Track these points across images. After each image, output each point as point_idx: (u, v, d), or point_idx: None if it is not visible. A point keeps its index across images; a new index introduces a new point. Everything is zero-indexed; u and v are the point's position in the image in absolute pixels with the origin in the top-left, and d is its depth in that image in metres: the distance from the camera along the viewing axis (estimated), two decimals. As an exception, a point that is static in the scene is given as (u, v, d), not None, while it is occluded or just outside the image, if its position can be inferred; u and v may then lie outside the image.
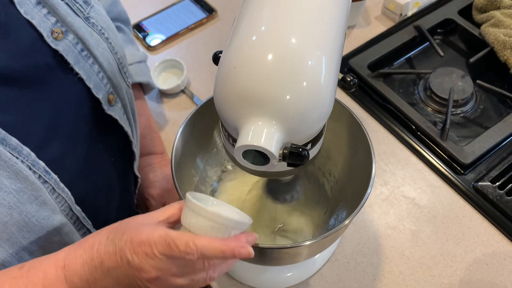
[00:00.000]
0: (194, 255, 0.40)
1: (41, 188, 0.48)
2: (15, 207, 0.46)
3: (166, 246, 0.40)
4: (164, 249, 0.40)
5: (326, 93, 0.42)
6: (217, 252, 0.41)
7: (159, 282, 0.42)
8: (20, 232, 0.48)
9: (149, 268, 0.41)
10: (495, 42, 0.89)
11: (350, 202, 0.64)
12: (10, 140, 0.45)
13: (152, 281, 0.42)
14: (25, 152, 0.47)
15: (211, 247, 0.41)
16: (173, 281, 0.42)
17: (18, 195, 0.46)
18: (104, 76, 0.59)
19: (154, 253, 0.40)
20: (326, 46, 0.43)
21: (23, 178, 0.46)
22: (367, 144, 0.58)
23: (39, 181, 0.48)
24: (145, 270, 0.41)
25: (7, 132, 0.45)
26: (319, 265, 0.70)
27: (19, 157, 0.46)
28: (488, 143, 0.80)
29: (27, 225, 0.48)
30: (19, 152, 0.46)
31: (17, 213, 0.46)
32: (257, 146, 0.40)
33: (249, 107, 0.41)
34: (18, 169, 0.45)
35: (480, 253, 0.72)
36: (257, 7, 0.44)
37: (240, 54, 0.41)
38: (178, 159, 0.59)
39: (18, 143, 0.46)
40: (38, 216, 0.49)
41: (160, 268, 0.41)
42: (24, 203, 0.47)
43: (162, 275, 0.41)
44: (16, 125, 0.47)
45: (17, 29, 0.49)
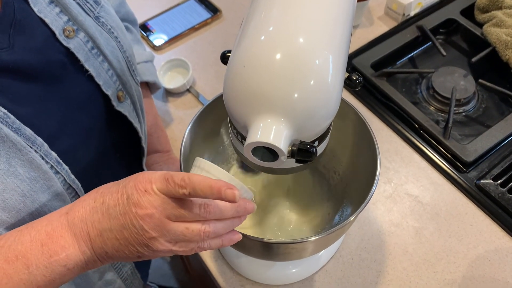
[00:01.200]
0: (187, 189, 0.41)
1: (53, 178, 0.50)
2: (29, 195, 0.47)
3: (164, 181, 0.41)
4: (162, 184, 0.41)
5: (333, 91, 0.43)
6: (206, 187, 0.41)
7: (154, 220, 0.42)
8: (32, 220, 0.49)
9: (145, 203, 0.41)
10: (497, 42, 0.90)
11: (354, 199, 0.65)
12: (25, 130, 0.47)
13: (146, 219, 0.42)
14: (39, 142, 0.48)
15: (202, 182, 0.41)
16: (167, 224, 0.42)
17: (32, 184, 0.48)
18: (114, 74, 0.60)
19: (153, 188, 0.41)
20: (333, 45, 0.44)
21: (37, 167, 0.48)
22: (372, 142, 0.59)
23: (51, 171, 0.49)
24: (141, 205, 0.41)
25: (21, 122, 0.47)
26: (324, 261, 0.71)
27: (33, 146, 0.48)
28: (490, 141, 0.81)
29: (40, 214, 0.49)
30: (33, 142, 0.48)
31: (30, 201, 0.48)
32: (266, 143, 0.41)
33: (258, 105, 0.42)
34: (32, 158, 0.47)
35: (482, 249, 0.73)
36: (265, 8, 0.45)
37: (250, 53, 0.42)
38: (186, 157, 0.60)
39: (32, 133, 0.48)
40: (50, 206, 0.50)
41: (156, 205, 0.41)
42: (37, 192, 0.48)
43: (156, 213, 0.41)
44: (30, 116, 0.49)
45: (32, 26, 0.50)
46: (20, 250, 0.43)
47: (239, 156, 0.51)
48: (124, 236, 0.43)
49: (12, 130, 0.46)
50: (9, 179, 0.46)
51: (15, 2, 0.49)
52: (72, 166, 0.53)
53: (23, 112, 0.48)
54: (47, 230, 0.44)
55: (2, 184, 0.45)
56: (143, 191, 0.42)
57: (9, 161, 0.46)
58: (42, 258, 0.43)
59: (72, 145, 0.54)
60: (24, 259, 0.42)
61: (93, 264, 0.46)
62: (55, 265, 0.43)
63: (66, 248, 0.43)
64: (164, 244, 0.43)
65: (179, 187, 0.41)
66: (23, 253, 0.42)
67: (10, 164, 0.46)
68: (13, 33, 0.48)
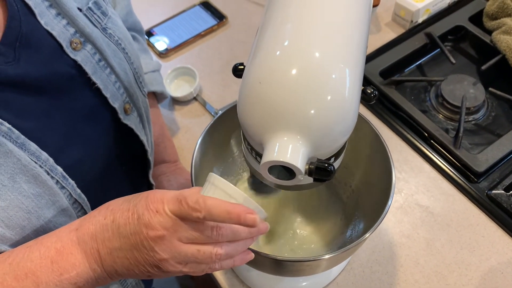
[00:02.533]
0: (202, 213, 0.40)
1: (59, 193, 0.49)
2: (34, 212, 0.47)
3: (177, 203, 0.40)
4: (174, 206, 0.40)
5: (351, 106, 0.42)
6: (223, 212, 0.40)
7: (165, 242, 0.41)
8: (38, 236, 0.48)
9: (156, 225, 0.41)
10: (507, 50, 0.89)
11: (367, 213, 0.65)
12: (29, 145, 0.46)
13: (157, 240, 0.41)
14: (44, 157, 0.47)
15: (218, 207, 0.40)
16: (178, 247, 0.41)
17: (37, 200, 0.47)
18: (121, 86, 0.59)
19: (165, 209, 0.41)
20: (349, 58, 0.43)
21: (42, 182, 0.47)
22: (385, 155, 0.58)
23: (56, 186, 0.49)
24: (152, 226, 0.41)
25: (26, 137, 0.46)
26: (335, 274, 0.70)
27: (38, 161, 0.47)
28: (501, 151, 0.80)
29: (45, 230, 0.48)
30: (38, 157, 0.47)
31: (35, 218, 0.47)
32: (283, 162, 0.40)
33: (274, 122, 0.41)
34: (37, 174, 0.46)
35: (495, 261, 0.72)
36: (280, 21, 0.44)
37: (265, 69, 0.41)
38: (197, 169, 0.59)
39: (37, 148, 0.47)
40: (55, 222, 0.49)
41: (167, 227, 0.41)
42: (42, 208, 0.47)
43: (168, 235, 0.41)
44: (35, 131, 0.48)
45: (38, 39, 0.50)
46: (30, 268, 0.42)
47: (254, 173, 0.50)
48: (134, 256, 0.42)
49: (16, 146, 0.45)
50: (13, 196, 0.45)
51: (22, 15, 0.48)
52: (78, 180, 0.52)
53: (28, 126, 0.47)
54: (57, 247, 0.43)
55: (6, 201, 0.45)
56: (155, 212, 0.41)
57: (13, 177, 0.45)
58: (52, 276, 0.42)
59: (78, 159, 0.53)
60: (34, 277, 0.42)
61: (103, 281, 0.45)
62: (66, 283, 0.42)
63: (77, 266, 0.43)
64: (174, 265, 0.42)
65: (192, 210, 0.40)
66: (32, 270, 0.42)
67: (15, 180, 0.45)
68: (19, 46, 0.47)
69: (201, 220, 0.40)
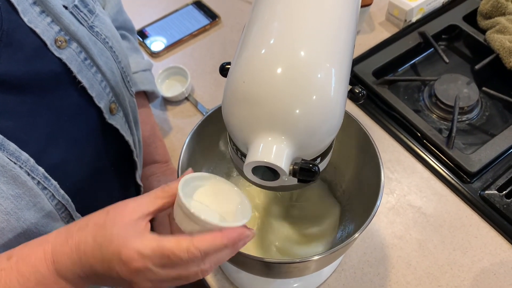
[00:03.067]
0: (199, 257, 0.40)
1: (40, 194, 0.48)
2: (13, 213, 0.46)
3: (166, 258, 0.40)
4: (162, 261, 0.40)
5: (336, 106, 0.42)
6: (220, 247, 0.41)
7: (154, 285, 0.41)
8: (18, 238, 0.47)
9: (142, 280, 0.40)
10: (500, 49, 0.89)
11: (357, 213, 0.64)
12: (8, 145, 0.45)
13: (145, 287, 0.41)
14: (24, 158, 0.46)
15: (213, 245, 0.40)
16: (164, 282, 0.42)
17: (16, 201, 0.46)
18: (107, 85, 0.59)
19: (148, 267, 0.40)
20: (335, 57, 0.42)
21: (21, 183, 0.46)
22: (374, 155, 0.57)
23: (37, 187, 0.47)
24: (137, 282, 0.41)
25: (5, 137, 0.45)
26: (326, 276, 0.69)
27: (17, 162, 0.45)
28: (495, 151, 0.79)
29: (25, 232, 0.47)
30: (17, 157, 0.46)
31: (15, 220, 0.46)
32: (267, 163, 0.39)
33: (258, 122, 0.40)
34: (16, 174, 0.45)
35: (487, 262, 0.71)
36: (266, 19, 0.43)
37: (250, 68, 0.41)
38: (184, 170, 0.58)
39: (16, 148, 0.46)
40: (36, 223, 0.48)
41: (154, 279, 0.41)
42: (22, 209, 0.46)
43: (156, 282, 0.41)
44: (16, 130, 0.47)
45: (21, 37, 0.49)
46: None
47: (239, 173, 0.50)
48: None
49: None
50: None
51: (3, 13, 0.47)
52: (62, 180, 0.51)
53: (8, 125, 0.46)
54: (38, 279, 0.42)
55: None
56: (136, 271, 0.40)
57: None
58: None
59: (62, 159, 0.52)
60: None
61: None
62: None
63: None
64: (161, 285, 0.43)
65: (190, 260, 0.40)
66: None
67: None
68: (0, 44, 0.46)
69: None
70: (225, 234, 0.41)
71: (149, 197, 0.43)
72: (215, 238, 0.41)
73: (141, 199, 0.43)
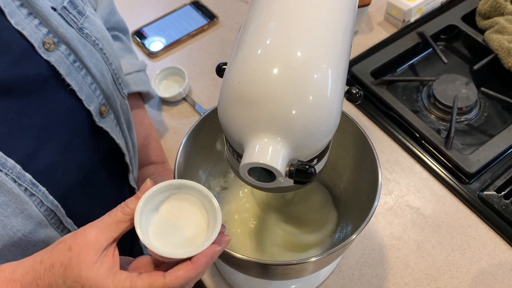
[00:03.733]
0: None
1: (27, 201, 0.47)
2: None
3: None
4: None
5: (333, 107, 0.41)
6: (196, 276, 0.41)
7: None
8: (5, 246, 0.47)
9: None
10: (499, 49, 0.88)
11: (355, 214, 0.64)
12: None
13: None
14: (10, 165, 0.45)
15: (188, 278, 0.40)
16: None
17: (2, 209, 0.45)
18: (97, 88, 0.58)
19: None
20: (332, 58, 0.42)
21: (7, 191, 0.45)
22: (372, 156, 0.57)
23: (25, 194, 0.47)
24: None
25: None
26: (324, 277, 0.69)
27: (3, 169, 0.45)
28: (493, 151, 0.79)
29: (12, 239, 0.47)
30: (3, 164, 0.45)
31: (1, 227, 0.45)
32: (263, 164, 0.39)
33: (254, 123, 0.40)
34: (1, 182, 0.44)
35: (486, 263, 0.71)
36: (262, 19, 0.43)
37: (245, 68, 0.40)
38: (181, 171, 0.58)
39: (2, 155, 0.45)
40: (24, 230, 0.47)
41: None
42: (9, 217, 0.46)
43: None
44: (2, 136, 0.46)
45: (7, 39, 0.48)
46: None
47: (235, 174, 0.49)
48: None
49: None
50: None
51: None
52: (51, 186, 0.50)
53: None
54: None
55: None
56: None
57: None
58: None
59: (51, 164, 0.51)
60: None
61: None
62: None
63: None
64: None
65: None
66: None
67: None
68: None
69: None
70: (196, 263, 0.41)
71: (110, 222, 0.42)
72: (189, 272, 0.40)
73: (102, 226, 0.41)
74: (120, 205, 0.43)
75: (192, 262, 0.41)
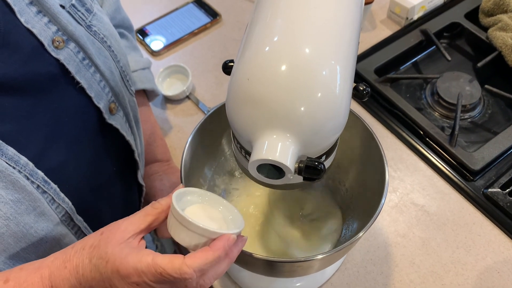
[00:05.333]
0: (193, 276, 0.40)
1: (40, 199, 0.47)
2: (12, 218, 0.45)
3: (158, 275, 0.40)
4: (155, 277, 0.40)
5: (341, 104, 0.41)
6: (214, 261, 0.41)
7: None
8: (18, 243, 0.47)
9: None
10: (503, 46, 0.88)
11: (361, 211, 0.64)
12: (7, 149, 0.45)
13: None
14: (23, 162, 0.46)
15: (206, 261, 0.41)
16: None
17: (16, 206, 0.45)
18: (106, 85, 0.58)
19: (145, 281, 0.40)
20: (340, 54, 0.42)
21: (20, 188, 0.45)
22: (378, 153, 0.57)
23: (37, 191, 0.47)
24: None
25: (3, 141, 0.44)
26: (329, 275, 0.69)
27: (16, 167, 0.45)
28: (498, 149, 0.79)
29: (25, 236, 0.47)
30: (16, 162, 0.45)
31: (14, 224, 0.45)
32: (272, 160, 0.39)
33: (263, 120, 0.40)
34: (15, 179, 0.45)
35: (491, 260, 0.71)
36: (269, 17, 0.43)
37: (254, 65, 0.40)
38: (187, 169, 0.58)
39: (15, 153, 0.45)
40: (36, 227, 0.48)
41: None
42: (22, 214, 0.46)
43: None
44: (14, 134, 0.46)
45: (17, 38, 0.48)
46: None
47: (243, 171, 0.49)
48: None
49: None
50: None
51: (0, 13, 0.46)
52: (62, 183, 0.50)
53: (6, 129, 0.45)
54: None
55: None
56: (135, 285, 0.41)
57: None
58: None
59: (61, 161, 0.51)
60: None
61: None
62: None
63: None
64: None
65: (182, 279, 0.40)
66: None
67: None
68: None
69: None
70: (215, 247, 0.41)
71: (139, 215, 0.44)
72: (206, 254, 0.41)
73: (132, 218, 0.44)
74: (152, 202, 0.45)
75: (210, 245, 0.42)
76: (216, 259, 0.41)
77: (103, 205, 0.61)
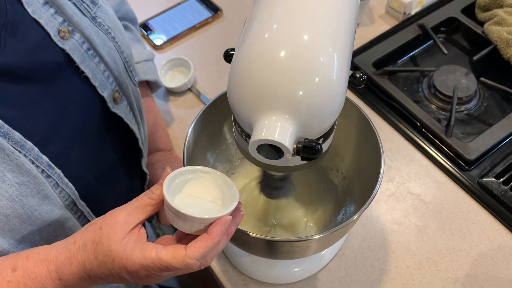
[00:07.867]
0: (196, 264, 0.43)
1: (44, 182, 0.49)
2: (18, 200, 0.47)
3: (164, 268, 0.43)
4: (162, 270, 0.43)
5: (338, 89, 0.43)
6: (214, 246, 0.44)
7: (164, 278, 0.46)
8: (23, 224, 0.49)
9: (151, 280, 0.45)
10: (498, 40, 0.90)
11: (357, 198, 0.65)
12: (13, 134, 0.46)
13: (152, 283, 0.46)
14: (28, 147, 0.47)
15: (206, 248, 0.43)
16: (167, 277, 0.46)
17: (21, 188, 0.47)
18: (110, 75, 0.60)
19: (153, 273, 0.43)
20: (337, 42, 0.43)
21: (26, 171, 0.47)
22: (375, 141, 0.59)
23: (42, 175, 0.49)
24: (149, 281, 0.45)
25: (10, 126, 0.46)
26: (327, 260, 0.71)
27: (22, 151, 0.47)
28: (492, 139, 0.81)
29: (30, 218, 0.49)
30: (22, 146, 0.47)
31: (20, 206, 0.47)
32: (271, 140, 0.41)
33: (263, 102, 0.42)
34: (21, 163, 0.46)
35: (485, 247, 0.73)
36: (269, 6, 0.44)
37: (254, 50, 0.42)
38: (189, 156, 0.60)
39: (21, 137, 0.47)
40: (41, 210, 0.50)
41: (161, 278, 0.45)
42: (27, 197, 0.48)
43: (164, 277, 0.45)
44: (20, 120, 0.48)
45: (25, 28, 0.50)
46: None
47: (243, 155, 0.51)
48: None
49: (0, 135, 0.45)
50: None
51: (8, 4, 0.48)
52: (66, 169, 0.52)
53: (13, 115, 0.47)
54: None
55: None
56: (144, 277, 0.44)
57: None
58: None
59: (65, 148, 0.53)
60: None
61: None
62: None
63: None
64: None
65: (187, 268, 0.43)
66: None
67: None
68: (5, 34, 0.47)
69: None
70: (213, 233, 0.44)
71: (137, 205, 0.46)
72: (206, 242, 0.43)
73: (130, 208, 0.45)
74: (146, 191, 0.47)
75: (208, 233, 0.44)
76: (216, 244, 0.44)
77: (106, 192, 0.63)
